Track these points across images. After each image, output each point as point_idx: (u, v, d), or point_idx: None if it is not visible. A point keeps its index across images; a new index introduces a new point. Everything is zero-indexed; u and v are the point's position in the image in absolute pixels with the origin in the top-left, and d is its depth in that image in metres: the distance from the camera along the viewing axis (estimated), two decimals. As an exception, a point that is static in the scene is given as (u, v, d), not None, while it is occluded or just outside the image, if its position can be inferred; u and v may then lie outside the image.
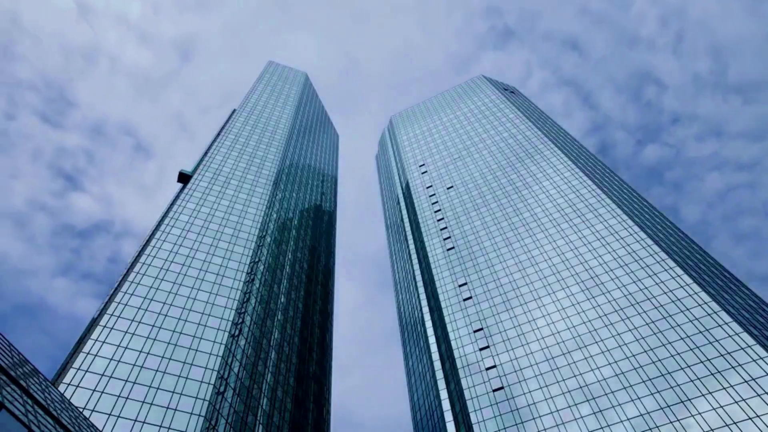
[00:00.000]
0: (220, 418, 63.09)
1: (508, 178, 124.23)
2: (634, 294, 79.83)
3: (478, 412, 73.68)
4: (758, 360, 63.09)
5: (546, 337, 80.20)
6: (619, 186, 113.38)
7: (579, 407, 68.27)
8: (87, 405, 56.82)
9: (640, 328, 74.33)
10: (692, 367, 66.07)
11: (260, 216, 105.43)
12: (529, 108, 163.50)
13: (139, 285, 76.20)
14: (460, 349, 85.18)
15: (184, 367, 66.45)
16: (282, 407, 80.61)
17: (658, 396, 64.76)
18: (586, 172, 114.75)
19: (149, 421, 58.12)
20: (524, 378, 75.57)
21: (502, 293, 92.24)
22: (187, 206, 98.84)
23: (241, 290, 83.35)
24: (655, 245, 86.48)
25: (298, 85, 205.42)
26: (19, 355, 33.94)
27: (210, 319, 75.42)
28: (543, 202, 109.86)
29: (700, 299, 73.88)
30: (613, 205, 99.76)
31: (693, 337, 69.57)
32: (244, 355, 75.40)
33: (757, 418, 57.59)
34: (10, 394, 25.38)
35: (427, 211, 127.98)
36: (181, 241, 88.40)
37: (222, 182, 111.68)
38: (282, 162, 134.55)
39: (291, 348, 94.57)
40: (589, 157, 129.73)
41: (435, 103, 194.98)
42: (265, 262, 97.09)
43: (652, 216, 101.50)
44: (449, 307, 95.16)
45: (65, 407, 35.19)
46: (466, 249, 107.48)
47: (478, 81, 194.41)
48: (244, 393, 70.85)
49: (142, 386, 61.72)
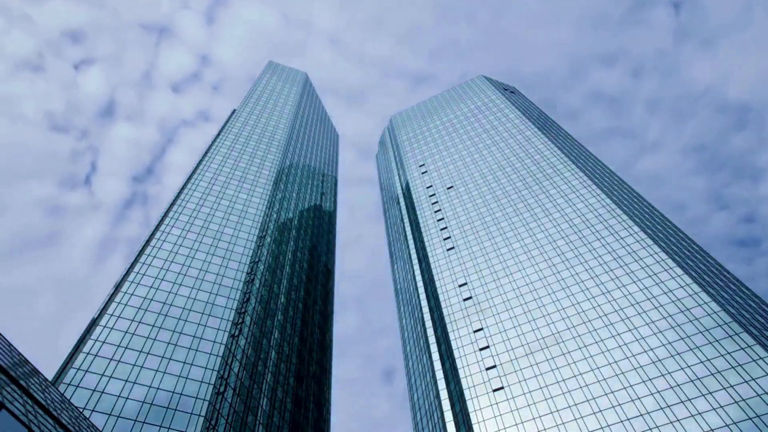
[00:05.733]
0: (220, 418, 63.09)
1: (508, 178, 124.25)
2: (634, 294, 79.84)
3: (478, 412, 73.69)
4: (758, 360, 63.10)
5: (546, 337, 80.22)
6: (619, 185, 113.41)
7: (579, 407, 68.28)
8: (87, 405, 56.83)
9: (640, 328, 74.34)
10: (692, 367, 66.09)
11: (260, 216, 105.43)
12: (529, 108, 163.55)
13: (139, 285, 76.21)
14: (460, 349, 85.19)
15: (184, 367, 66.46)
16: (282, 407, 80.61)
17: (658, 396, 64.77)
18: (586, 173, 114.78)
19: (149, 421, 58.13)
20: (524, 378, 75.58)
21: (502, 293, 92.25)
22: (187, 206, 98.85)
23: (241, 290, 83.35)
24: (654, 245, 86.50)
25: (298, 85, 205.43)
26: (19, 355, 33.95)
27: (210, 319, 75.44)
28: (543, 202, 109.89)
29: (700, 299, 73.89)
30: (613, 205, 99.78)
31: (693, 337, 69.58)
32: (244, 355, 75.40)
33: (757, 417, 57.60)
34: (10, 394, 25.39)
35: (427, 211, 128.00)
36: (181, 241, 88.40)
37: (222, 182, 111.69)
38: (282, 162, 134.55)
39: (291, 348, 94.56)
40: (589, 157, 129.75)
41: (435, 103, 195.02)
42: (265, 262, 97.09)
43: (652, 216, 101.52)
44: (449, 307, 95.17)
45: (65, 407, 35.19)
46: (466, 249, 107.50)
47: (478, 81, 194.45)
48: (244, 393, 70.85)
49: (142, 386, 61.74)
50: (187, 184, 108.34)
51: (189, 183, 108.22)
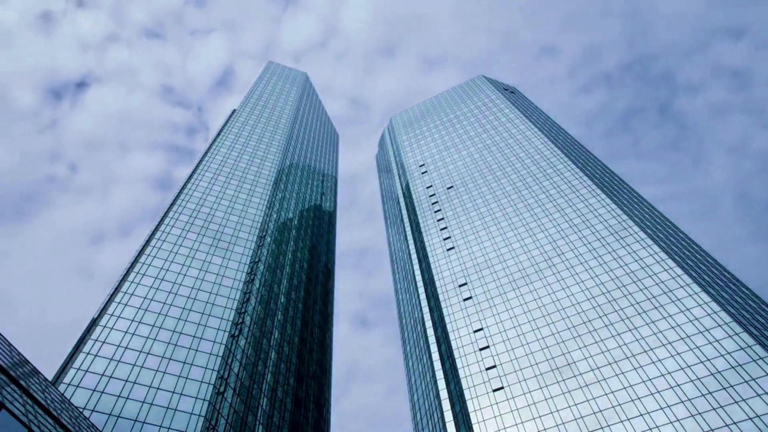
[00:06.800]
0: (220, 418, 63.11)
1: (508, 178, 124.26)
2: (634, 294, 79.83)
3: (478, 412, 73.70)
4: (758, 360, 63.11)
5: (546, 337, 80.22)
6: (619, 186, 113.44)
7: (579, 407, 68.29)
8: (87, 405, 56.84)
9: (640, 328, 74.34)
10: (692, 367, 66.09)
11: (260, 216, 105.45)
12: (528, 108, 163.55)
13: (139, 285, 76.23)
14: (460, 349, 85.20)
15: (184, 367, 66.48)
16: (282, 407, 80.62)
17: (658, 396, 64.78)
18: (587, 173, 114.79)
19: (149, 421, 58.13)
20: (524, 378, 75.58)
21: (502, 293, 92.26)
22: (187, 206, 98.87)
23: (241, 290, 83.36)
24: (655, 245, 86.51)
25: (298, 85, 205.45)
26: (19, 355, 33.96)
27: (210, 319, 75.45)
28: (543, 203, 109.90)
29: (700, 299, 73.91)
30: (613, 205, 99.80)
31: (693, 337, 69.59)
32: (244, 355, 75.41)
33: (757, 417, 57.60)
34: (10, 394, 25.39)
35: (427, 211, 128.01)
36: (181, 241, 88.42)
37: (222, 182, 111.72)
38: (282, 162, 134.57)
39: (291, 348, 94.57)
40: (590, 157, 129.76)
41: (435, 103, 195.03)
42: (265, 262, 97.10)
43: (652, 216, 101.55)
44: (449, 307, 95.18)
45: (65, 407, 35.20)
46: (466, 249, 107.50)
47: (478, 81, 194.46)
48: (244, 393, 70.86)
49: (142, 386, 61.74)
50: (188, 183, 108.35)
51: (189, 183, 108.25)
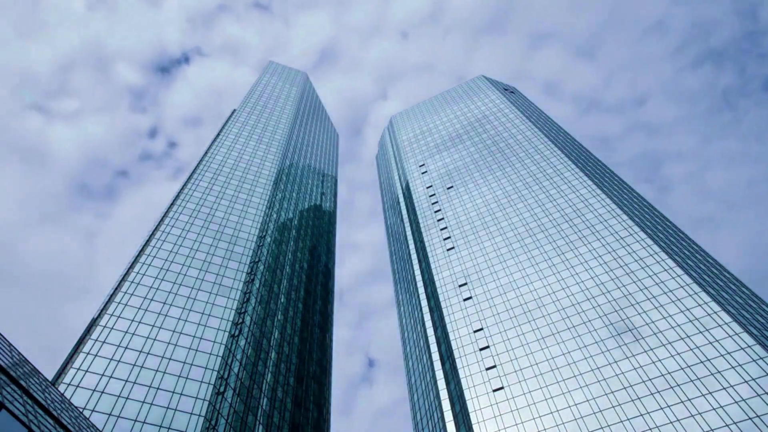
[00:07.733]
0: (220, 418, 63.10)
1: (508, 177, 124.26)
2: (634, 294, 79.83)
3: (478, 412, 73.69)
4: (758, 360, 63.10)
5: (546, 337, 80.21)
6: (618, 186, 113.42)
7: (579, 407, 68.28)
8: (87, 405, 56.83)
9: (640, 328, 74.33)
10: (692, 367, 66.08)
11: (260, 216, 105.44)
12: (528, 108, 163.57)
13: (139, 285, 76.22)
14: (460, 349, 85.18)
15: (184, 367, 66.47)
16: (282, 407, 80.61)
17: (658, 396, 64.78)
18: (587, 173, 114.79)
19: (149, 421, 58.13)
20: (524, 378, 75.57)
21: (502, 293, 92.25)
22: (187, 206, 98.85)
23: (241, 290, 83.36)
24: (655, 245, 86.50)
25: (298, 85, 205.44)
26: (19, 355, 33.95)
27: (210, 319, 75.45)
28: (543, 203, 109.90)
29: (700, 299, 73.90)
30: (612, 205, 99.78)
31: (693, 337, 69.58)
32: (244, 355, 75.41)
33: (757, 418, 57.60)
34: (10, 394, 25.39)
35: (427, 211, 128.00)
36: (181, 241, 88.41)
37: (222, 182, 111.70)
38: (282, 162, 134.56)
39: (291, 348, 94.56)
40: (590, 157, 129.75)
41: (435, 103, 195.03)
42: (265, 262, 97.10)
43: (652, 216, 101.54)
44: (449, 307, 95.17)
45: (65, 407, 35.19)
46: (466, 249, 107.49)
47: (478, 81, 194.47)
48: (244, 393, 70.85)
49: (142, 386, 61.74)
50: (188, 183, 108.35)
51: (189, 183, 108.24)
